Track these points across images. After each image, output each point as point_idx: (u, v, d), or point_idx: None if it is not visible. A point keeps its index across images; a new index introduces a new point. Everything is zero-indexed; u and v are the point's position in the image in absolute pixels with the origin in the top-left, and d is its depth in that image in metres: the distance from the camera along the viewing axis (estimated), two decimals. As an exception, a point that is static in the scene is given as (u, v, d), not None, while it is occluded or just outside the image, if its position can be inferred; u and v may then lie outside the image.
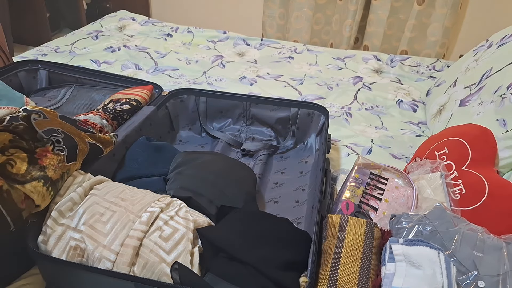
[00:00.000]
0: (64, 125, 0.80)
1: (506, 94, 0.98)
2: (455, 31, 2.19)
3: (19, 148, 0.69)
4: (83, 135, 0.82)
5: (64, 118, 0.82)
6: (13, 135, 0.70)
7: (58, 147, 0.74)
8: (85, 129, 0.85)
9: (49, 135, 0.75)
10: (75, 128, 0.82)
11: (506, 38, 1.19)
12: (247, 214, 0.78)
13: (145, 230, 0.64)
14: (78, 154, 0.78)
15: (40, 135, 0.73)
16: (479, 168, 0.88)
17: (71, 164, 0.75)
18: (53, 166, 0.72)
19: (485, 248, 0.67)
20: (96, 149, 0.84)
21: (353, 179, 0.89)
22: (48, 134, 0.74)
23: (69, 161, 0.75)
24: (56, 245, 0.63)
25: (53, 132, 0.76)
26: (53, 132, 0.76)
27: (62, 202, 0.67)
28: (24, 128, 0.72)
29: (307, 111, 1.15)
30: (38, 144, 0.72)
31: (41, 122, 0.76)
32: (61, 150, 0.74)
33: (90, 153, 0.82)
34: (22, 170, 0.67)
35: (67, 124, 0.81)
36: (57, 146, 0.74)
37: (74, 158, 0.76)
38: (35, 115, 0.76)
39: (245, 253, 0.66)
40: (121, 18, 2.08)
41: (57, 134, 0.76)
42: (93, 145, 0.83)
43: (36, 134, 0.73)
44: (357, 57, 1.79)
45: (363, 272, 0.63)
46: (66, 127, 0.80)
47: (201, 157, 0.93)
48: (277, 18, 2.38)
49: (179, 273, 0.61)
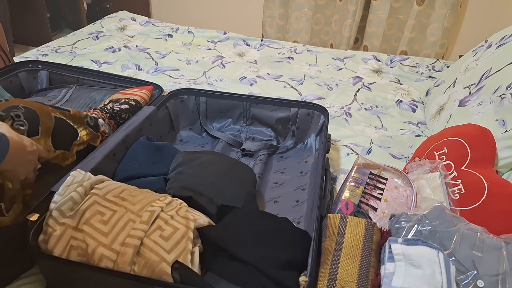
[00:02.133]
0: (26, 102, 0.78)
1: (506, 94, 0.98)
2: (455, 32, 2.19)
3: None
4: (48, 109, 0.79)
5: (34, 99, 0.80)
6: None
7: (17, 122, 0.73)
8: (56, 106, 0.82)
9: (9, 111, 0.73)
10: (41, 104, 0.79)
11: (506, 38, 1.20)
12: (247, 214, 0.78)
13: (145, 229, 0.64)
14: (41, 128, 0.75)
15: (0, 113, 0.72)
16: (479, 168, 0.88)
17: (33, 138, 0.73)
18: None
19: (485, 247, 0.67)
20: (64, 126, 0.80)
21: (353, 179, 0.89)
22: (7, 111, 0.73)
23: (30, 135, 0.73)
24: (56, 244, 0.63)
25: (13, 108, 0.75)
26: (13, 108, 0.75)
27: (62, 202, 0.67)
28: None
29: (307, 111, 1.15)
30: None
31: (2, 104, 0.75)
32: (21, 125, 0.73)
33: (58, 130, 0.78)
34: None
35: (31, 101, 0.79)
36: (17, 120, 0.73)
37: (36, 132, 0.74)
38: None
39: (245, 252, 0.66)
40: (122, 19, 2.08)
41: (16, 109, 0.75)
42: (60, 120, 0.79)
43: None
44: (357, 57, 1.79)
45: (362, 271, 0.63)
46: (28, 103, 0.78)
47: (201, 157, 0.93)
48: (277, 18, 2.38)
49: (180, 272, 0.61)
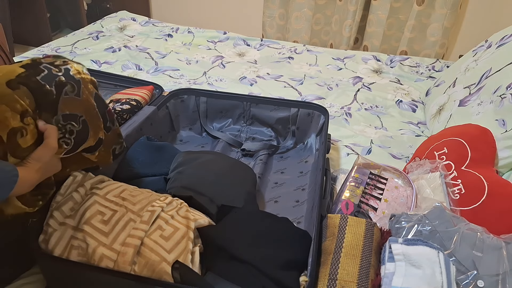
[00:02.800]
0: (90, 112, 0.69)
1: (506, 94, 0.98)
2: (455, 32, 2.19)
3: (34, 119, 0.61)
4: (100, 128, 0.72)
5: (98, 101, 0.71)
6: (35, 100, 0.61)
7: (66, 139, 0.65)
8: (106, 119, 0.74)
9: (67, 121, 0.65)
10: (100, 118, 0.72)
11: (506, 38, 1.20)
12: (247, 214, 0.78)
13: (146, 229, 0.64)
14: (81, 147, 0.70)
15: (58, 119, 0.64)
16: (479, 168, 0.88)
17: (66, 156, 0.68)
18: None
19: (485, 247, 0.67)
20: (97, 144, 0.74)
21: (353, 179, 0.89)
22: (66, 120, 0.65)
23: (66, 154, 0.67)
24: (57, 244, 0.63)
25: (72, 119, 0.66)
26: (72, 120, 0.66)
27: (63, 202, 0.67)
28: (51, 100, 0.63)
29: (307, 111, 1.15)
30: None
31: (69, 101, 0.65)
32: (66, 143, 0.66)
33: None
34: (26, 145, 0.61)
35: (95, 111, 0.70)
36: (67, 137, 0.65)
37: (74, 151, 0.69)
38: (69, 87, 0.65)
39: (246, 252, 0.66)
40: (122, 19, 2.08)
41: (75, 123, 0.66)
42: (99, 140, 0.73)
43: (56, 115, 0.63)
44: (357, 57, 1.79)
45: (362, 271, 0.63)
46: (91, 115, 0.69)
47: (202, 157, 0.93)
48: (277, 18, 2.38)
49: (180, 272, 0.61)
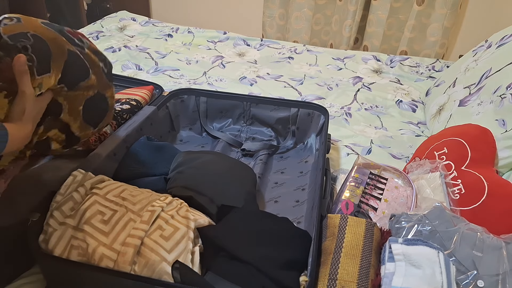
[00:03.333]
0: (39, 28, 0.65)
1: (506, 94, 0.98)
2: (455, 32, 2.19)
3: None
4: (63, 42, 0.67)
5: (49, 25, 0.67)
6: None
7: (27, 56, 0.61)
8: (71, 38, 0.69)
9: (16, 40, 0.61)
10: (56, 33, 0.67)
11: (506, 38, 1.20)
12: (247, 214, 0.78)
13: (146, 229, 0.64)
14: (52, 63, 0.64)
15: (4, 40, 0.60)
16: (479, 168, 0.88)
17: (43, 76, 0.63)
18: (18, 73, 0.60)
19: (485, 247, 0.67)
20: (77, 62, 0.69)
21: (353, 179, 0.89)
22: (14, 39, 0.61)
23: (40, 73, 0.62)
24: (57, 244, 0.63)
25: (21, 36, 0.62)
26: (22, 37, 0.62)
27: (63, 201, 0.67)
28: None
29: (307, 111, 1.15)
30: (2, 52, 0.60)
31: (11, 27, 0.62)
32: (28, 60, 0.61)
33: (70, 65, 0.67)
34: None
35: (44, 27, 0.66)
36: (25, 54, 0.61)
37: (47, 69, 0.63)
38: (7, 20, 0.63)
39: (246, 252, 0.66)
40: (122, 19, 2.08)
41: (25, 39, 0.62)
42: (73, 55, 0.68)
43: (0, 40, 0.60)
44: (357, 57, 1.79)
45: (362, 271, 0.63)
46: (41, 30, 0.65)
47: (202, 157, 0.93)
48: (277, 18, 2.38)
49: (180, 272, 0.61)
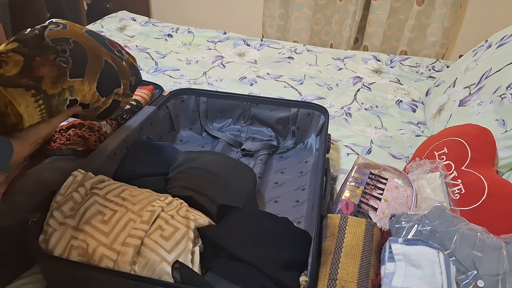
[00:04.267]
0: (81, 37, 0.70)
1: (506, 94, 0.98)
2: (455, 32, 2.19)
3: (18, 52, 0.63)
4: (101, 52, 0.72)
5: (92, 34, 0.73)
6: (18, 43, 0.64)
7: (61, 58, 0.65)
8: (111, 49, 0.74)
9: (56, 43, 0.66)
10: (96, 43, 0.72)
11: (506, 38, 1.20)
12: (247, 214, 0.78)
13: (146, 229, 0.64)
14: (87, 69, 0.68)
15: (46, 42, 0.65)
16: (479, 168, 0.88)
17: (75, 80, 0.66)
18: (50, 78, 0.64)
19: (485, 247, 0.67)
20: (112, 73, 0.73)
21: (353, 179, 0.89)
22: (55, 42, 0.66)
23: (72, 76, 0.66)
24: (57, 244, 0.63)
25: (62, 41, 0.67)
26: (62, 41, 0.67)
27: (63, 202, 0.67)
28: (32, 36, 0.65)
29: (307, 111, 1.15)
30: (39, 52, 0.64)
31: (56, 32, 0.67)
32: (64, 62, 0.65)
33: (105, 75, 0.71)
34: (11, 73, 0.61)
35: (87, 36, 0.71)
36: (61, 56, 0.65)
37: (81, 73, 0.67)
38: (53, 25, 0.68)
39: (246, 252, 0.66)
40: (122, 19, 2.08)
41: (65, 43, 0.67)
42: (109, 66, 0.73)
43: (42, 42, 0.65)
44: (357, 57, 1.79)
45: (362, 271, 0.63)
46: (83, 38, 0.70)
47: (202, 157, 0.93)
48: (277, 18, 2.38)
49: (180, 272, 0.61)
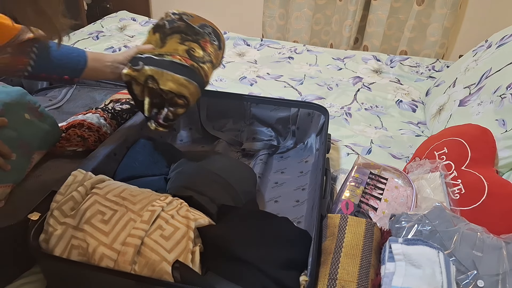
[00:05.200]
0: (204, 20, 0.96)
1: (506, 94, 0.98)
2: (455, 32, 2.19)
3: (189, 40, 0.88)
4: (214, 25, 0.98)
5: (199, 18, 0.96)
6: (179, 34, 0.89)
7: (212, 39, 0.92)
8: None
9: (203, 28, 0.92)
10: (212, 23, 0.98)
11: (506, 38, 1.20)
12: (247, 213, 0.78)
13: (146, 229, 0.64)
14: (221, 43, 0.95)
15: (197, 29, 0.91)
16: (479, 168, 0.88)
17: (220, 51, 0.94)
18: (213, 53, 0.91)
19: (485, 247, 0.67)
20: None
21: (353, 179, 0.89)
22: (202, 28, 0.92)
23: (219, 49, 0.93)
24: (57, 244, 0.63)
25: (204, 26, 0.93)
26: (204, 26, 0.93)
27: (63, 201, 0.67)
28: (184, 26, 0.90)
29: (307, 111, 1.15)
30: (198, 37, 0.90)
31: (193, 20, 0.92)
32: (214, 40, 0.92)
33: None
34: (201, 54, 0.87)
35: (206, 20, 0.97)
36: (211, 37, 0.92)
37: (220, 47, 0.94)
38: (185, 16, 0.92)
39: (246, 252, 0.66)
40: (122, 19, 2.08)
41: (207, 27, 0.93)
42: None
43: (194, 29, 0.90)
44: (357, 57, 1.79)
45: (362, 271, 0.64)
46: (207, 21, 0.96)
47: (202, 157, 0.93)
48: (277, 18, 2.38)
49: (180, 271, 0.61)
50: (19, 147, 0.76)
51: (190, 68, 0.84)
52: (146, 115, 0.88)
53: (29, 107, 0.83)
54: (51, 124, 0.87)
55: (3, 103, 0.77)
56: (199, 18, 0.94)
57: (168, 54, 0.84)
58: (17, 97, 0.81)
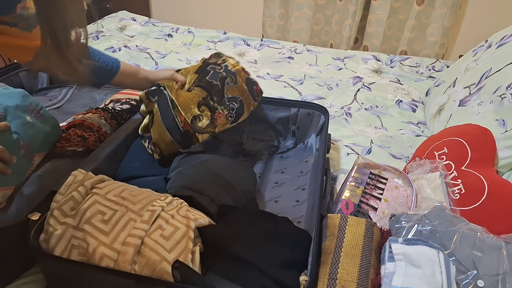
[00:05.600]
0: (244, 94, 0.96)
1: (506, 94, 0.98)
2: (455, 32, 2.19)
3: (207, 106, 0.91)
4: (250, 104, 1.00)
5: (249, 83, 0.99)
6: (207, 93, 0.91)
7: (230, 114, 0.93)
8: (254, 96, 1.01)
9: (230, 102, 0.93)
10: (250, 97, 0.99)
11: (506, 38, 1.20)
12: (247, 213, 0.78)
13: (146, 228, 0.64)
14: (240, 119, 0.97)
15: (224, 100, 0.92)
16: (479, 168, 0.88)
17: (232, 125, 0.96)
18: (221, 125, 0.93)
19: (485, 247, 0.67)
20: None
21: (353, 179, 0.89)
22: (230, 101, 0.93)
23: (232, 123, 0.95)
24: (57, 244, 0.63)
25: (233, 100, 0.94)
26: (234, 100, 0.94)
27: (64, 201, 0.67)
28: (217, 90, 0.92)
29: (307, 111, 1.15)
30: (219, 106, 0.92)
31: (230, 88, 0.94)
32: (231, 116, 0.94)
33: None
34: (204, 124, 0.90)
35: (247, 92, 0.97)
36: (230, 113, 0.93)
37: (236, 121, 0.96)
38: (229, 79, 0.94)
39: (246, 251, 0.66)
40: (122, 19, 2.08)
41: (235, 103, 0.94)
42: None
43: (222, 99, 0.92)
44: (357, 57, 1.79)
45: (362, 271, 0.64)
46: (245, 96, 0.97)
47: (202, 157, 0.93)
48: (277, 18, 2.38)
49: (180, 271, 0.61)
50: (21, 149, 0.76)
51: (183, 133, 0.90)
52: (139, 132, 0.97)
53: (30, 109, 0.83)
54: (52, 126, 0.87)
55: (4, 105, 0.77)
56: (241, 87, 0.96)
57: (179, 108, 0.90)
58: (18, 99, 0.82)
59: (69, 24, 0.57)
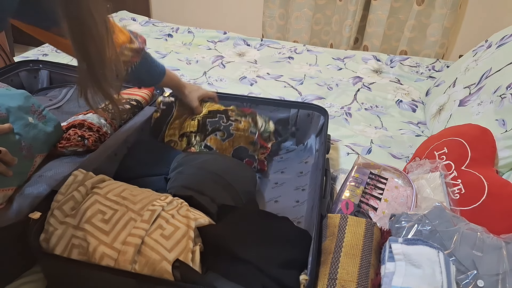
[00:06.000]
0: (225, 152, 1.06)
1: (506, 94, 0.98)
2: (455, 32, 2.19)
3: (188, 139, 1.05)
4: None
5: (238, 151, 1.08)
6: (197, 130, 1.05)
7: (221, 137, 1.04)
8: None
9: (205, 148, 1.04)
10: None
11: (506, 38, 1.20)
12: (247, 213, 0.78)
13: (146, 228, 0.64)
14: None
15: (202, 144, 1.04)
16: (479, 168, 0.88)
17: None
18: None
19: (485, 247, 0.67)
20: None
21: (353, 179, 0.89)
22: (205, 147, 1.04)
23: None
24: (58, 243, 0.63)
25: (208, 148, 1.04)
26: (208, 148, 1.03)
27: (64, 201, 0.67)
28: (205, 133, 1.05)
29: (307, 112, 1.15)
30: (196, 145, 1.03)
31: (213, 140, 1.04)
32: (221, 136, 1.05)
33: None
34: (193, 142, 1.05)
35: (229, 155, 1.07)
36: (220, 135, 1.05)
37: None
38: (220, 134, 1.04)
39: (246, 251, 0.67)
40: (122, 19, 2.08)
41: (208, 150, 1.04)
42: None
43: (202, 141, 1.04)
44: (357, 57, 1.79)
45: (362, 271, 0.64)
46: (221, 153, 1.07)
47: (202, 157, 0.93)
48: (277, 18, 2.38)
49: (180, 271, 0.61)
50: (22, 150, 0.76)
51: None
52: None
53: (33, 110, 0.83)
54: (54, 127, 0.87)
55: (7, 106, 0.77)
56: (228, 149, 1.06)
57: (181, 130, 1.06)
58: (21, 100, 0.82)
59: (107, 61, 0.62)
